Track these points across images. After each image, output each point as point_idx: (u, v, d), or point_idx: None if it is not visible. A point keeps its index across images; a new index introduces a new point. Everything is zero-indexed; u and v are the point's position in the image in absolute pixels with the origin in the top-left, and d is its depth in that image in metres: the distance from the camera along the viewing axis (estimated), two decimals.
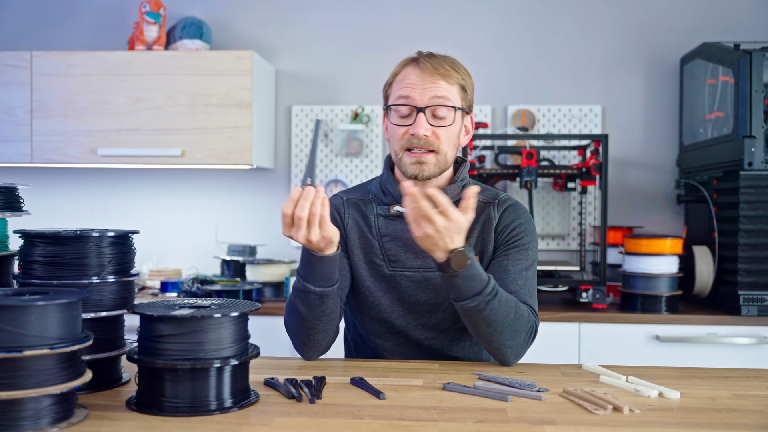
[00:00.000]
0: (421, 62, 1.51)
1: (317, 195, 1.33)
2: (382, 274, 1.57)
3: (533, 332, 1.49)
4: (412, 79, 1.51)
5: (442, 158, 1.53)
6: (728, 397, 1.25)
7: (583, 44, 3.15)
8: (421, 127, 1.49)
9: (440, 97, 1.50)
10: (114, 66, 2.91)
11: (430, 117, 1.50)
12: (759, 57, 2.49)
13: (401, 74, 1.54)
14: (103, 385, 1.26)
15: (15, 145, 2.93)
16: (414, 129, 1.49)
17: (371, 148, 3.19)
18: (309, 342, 1.49)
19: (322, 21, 3.23)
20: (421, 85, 1.50)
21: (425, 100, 1.49)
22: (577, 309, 2.58)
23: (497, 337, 1.43)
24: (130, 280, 1.33)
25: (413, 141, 1.50)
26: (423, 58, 1.52)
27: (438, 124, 1.51)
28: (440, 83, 1.50)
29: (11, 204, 1.35)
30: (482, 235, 1.58)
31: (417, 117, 1.49)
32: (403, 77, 1.53)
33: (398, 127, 1.53)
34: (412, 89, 1.50)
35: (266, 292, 2.83)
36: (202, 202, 3.27)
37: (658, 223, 3.11)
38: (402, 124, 1.52)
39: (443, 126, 1.51)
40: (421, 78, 1.50)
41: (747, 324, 2.46)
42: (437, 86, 1.50)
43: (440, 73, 1.50)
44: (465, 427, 1.07)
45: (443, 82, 1.50)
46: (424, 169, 1.52)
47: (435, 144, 1.51)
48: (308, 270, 1.42)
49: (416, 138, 1.49)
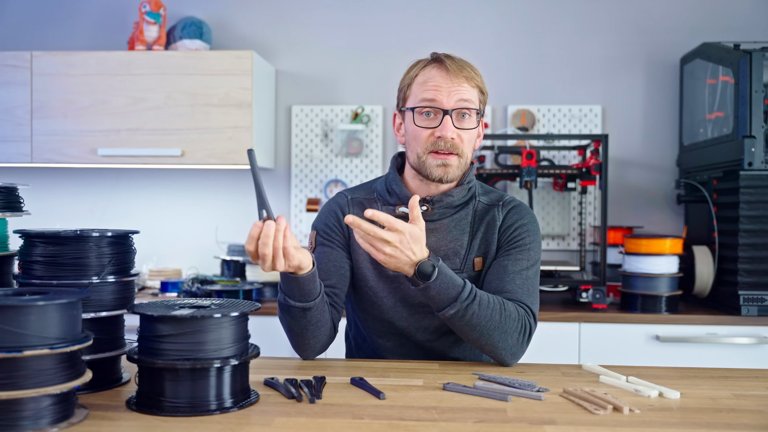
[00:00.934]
0: (447, 63, 1.50)
1: (278, 228, 1.30)
2: (386, 274, 1.57)
3: (527, 331, 1.46)
4: (437, 80, 1.50)
5: (464, 161, 1.53)
6: (728, 397, 1.25)
7: (583, 44, 3.15)
8: (448, 130, 1.48)
9: (465, 100, 1.49)
10: (114, 66, 2.91)
11: (456, 120, 1.50)
12: (759, 57, 2.49)
13: (422, 75, 1.52)
14: (103, 385, 1.26)
15: (15, 145, 2.93)
16: (441, 131, 1.48)
17: (371, 148, 3.19)
18: (302, 345, 1.51)
19: (322, 21, 3.23)
20: (447, 87, 1.49)
21: (452, 103, 1.49)
22: (577, 309, 2.58)
23: (486, 340, 1.42)
24: (130, 280, 1.33)
25: (439, 144, 1.49)
26: (446, 59, 1.51)
27: (462, 126, 1.50)
28: (465, 85, 1.50)
29: (11, 204, 1.35)
30: (486, 236, 1.58)
31: (443, 119, 1.48)
32: (426, 79, 1.51)
33: (423, 130, 1.51)
34: (438, 91, 1.49)
35: (266, 292, 2.83)
36: (202, 202, 3.27)
37: (658, 223, 3.11)
38: (427, 126, 1.51)
39: (467, 129, 1.51)
40: (446, 79, 1.49)
41: (747, 324, 2.46)
42: (462, 89, 1.49)
43: (464, 75, 1.50)
44: (465, 427, 1.07)
45: (467, 84, 1.50)
46: (449, 172, 1.51)
47: (459, 147, 1.50)
48: (287, 287, 1.42)
49: (443, 140, 1.49)
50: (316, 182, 3.22)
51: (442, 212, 1.57)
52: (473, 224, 1.58)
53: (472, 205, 1.60)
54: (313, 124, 3.21)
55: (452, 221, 1.57)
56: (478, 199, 1.61)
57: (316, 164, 3.21)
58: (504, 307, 1.43)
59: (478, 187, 1.64)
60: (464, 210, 1.59)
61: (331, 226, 1.61)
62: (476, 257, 1.57)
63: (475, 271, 1.56)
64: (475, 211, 1.59)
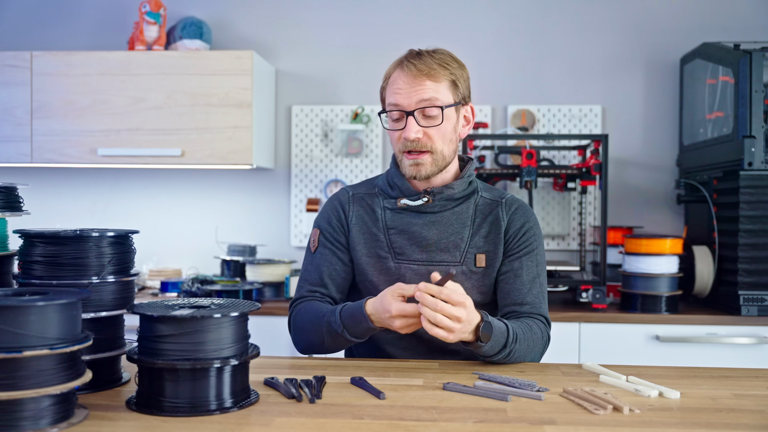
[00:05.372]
0: (406, 66, 1.54)
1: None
2: (386, 266, 1.60)
3: (547, 344, 1.59)
4: (399, 84, 1.54)
5: (439, 156, 1.56)
6: (728, 397, 1.25)
7: (583, 44, 3.15)
8: (411, 131, 1.53)
9: (426, 99, 1.53)
10: (114, 66, 2.91)
11: (421, 119, 1.54)
12: (759, 57, 2.49)
13: (391, 78, 1.58)
14: (103, 385, 1.26)
15: (15, 145, 2.93)
16: (405, 133, 1.54)
17: (371, 148, 3.19)
18: (315, 351, 1.59)
19: (322, 21, 3.23)
20: (407, 89, 1.53)
21: (413, 104, 1.53)
22: (577, 309, 2.58)
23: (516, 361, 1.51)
24: (130, 280, 1.33)
25: (407, 144, 1.55)
26: (408, 60, 1.55)
27: (429, 124, 1.54)
28: (426, 84, 1.52)
29: (11, 204, 1.35)
30: (491, 236, 1.60)
31: (407, 121, 1.53)
32: (392, 82, 1.57)
33: (393, 132, 1.58)
34: (399, 94, 1.54)
35: (266, 292, 2.83)
36: (202, 202, 3.27)
37: (658, 223, 3.11)
38: (395, 129, 1.57)
39: (434, 126, 1.54)
40: (407, 82, 1.53)
41: (747, 324, 2.46)
42: (423, 88, 1.52)
43: (425, 74, 1.52)
44: (465, 427, 1.07)
45: (429, 82, 1.52)
46: (421, 170, 1.56)
47: (428, 144, 1.55)
48: (355, 328, 1.48)
49: (408, 141, 1.54)
50: (316, 182, 3.22)
51: (443, 204, 1.60)
52: (474, 218, 1.61)
53: (473, 199, 1.63)
54: (313, 124, 3.21)
55: (453, 214, 1.60)
56: (480, 194, 1.64)
57: (316, 164, 3.21)
58: (533, 333, 1.52)
59: (480, 183, 1.67)
60: (465, 204, 1.62)
61: (334, 225, 1.66)
62: (478, 253, 1.58)
63: (476, 267, 1.58)
64: (476, 206, 1.62)
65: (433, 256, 1.58)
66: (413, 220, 1.59)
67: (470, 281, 1.58)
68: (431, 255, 1.58)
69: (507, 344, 1.44)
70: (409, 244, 1.59)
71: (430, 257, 1.58)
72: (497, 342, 1.42)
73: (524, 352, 1.49)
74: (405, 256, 1.59)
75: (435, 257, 1.58)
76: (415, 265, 1.58)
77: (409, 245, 1.59)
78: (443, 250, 1.58)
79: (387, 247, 1.60)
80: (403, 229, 1.60)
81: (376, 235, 1.61)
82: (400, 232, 1.60)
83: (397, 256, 1.59)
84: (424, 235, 1.58)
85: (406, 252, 1.59)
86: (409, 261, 1.59)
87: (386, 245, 1.60)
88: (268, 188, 3.26)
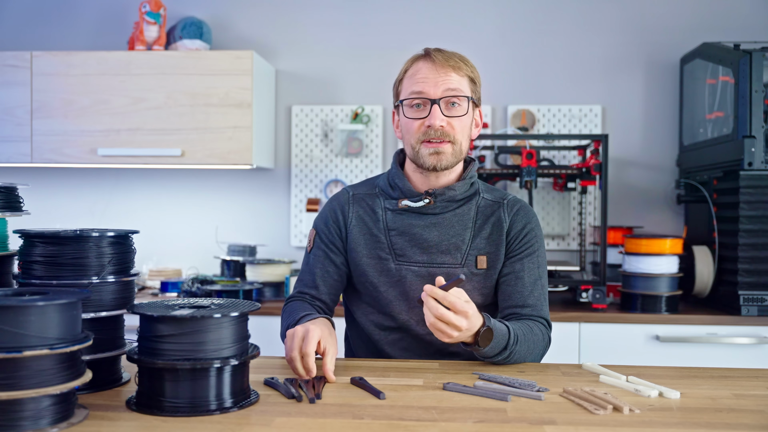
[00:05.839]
0: (433, 55, 1.55)
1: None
2: (387, 267, 1.59)
3: (548, 345, 1.59)
4: (424, 72, 1.54)
5: (458, 148, 1.56)
6: (728, 397, 1.25)
7: (583, 44, 3.15)
8: (437, 118, 1.52)
9: (452, 89, 1.53)
10: (114, 66, 2.91)
11: (444, 108, 1.54)
12: (759, 57, 2.49)
13: (411, 69, 1.57)
14: (103, 385, 1.26)
15: (15, 145, 2.93)
16: (430, 120, 1.53)
17: (371, 148, 3.19)
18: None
19: (322, 21, 3.23)
20: (433, 78, 1.53)
21: (439, 92, 1.53)
22: (577, 309, 2.58)
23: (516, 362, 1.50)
24: (130, 280, 1.33)
25: (429, 132, 1.53)
26: (433, 52, 1.56)
27: (452, 114, 1.54)
28: (452, 75, 1.54)
29: (11, 204, 1.35)
30: (492, 237, 1.60)
31: (432, 109, 1.53)
32: (414, 72, 1.56)
33: (413, 121, 1.56)
34: (425, 83, 1.54)
35: (266, 292, 2.83)
36: (202, 202, 3.27)
37: (658, 223, 3.11)
38: (417, 117, 1.55)
39: (457, 116, 1.54)
40: (433, 71, 1.54)
41: (747, 324, 2.46)
42: (449, 78, 1.53)
43: (451, 65, 1.54)
44: (465, 427, 1.07)
45: (454, 74, 1.54)
46: (442, 159, 1.55)
47: (450, 134, 1.54)
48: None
49: (432, 129, 1.53)
50: (316, 182, 3.22)
51: (445, 206, 1.59)
52: (476, 220, 1.61)
53: (475, 201, 1.63)
54: (313, 124, 3.21)
55: (455, 216, 1.60)
56: (481, 195, 1.64)
57: (316, 164, 3.21)
58: (533, 334, 1.51)
59: (481, 184, 1.67)
60: (467, 205, 1.61)
61: (330, 227, 1.65)
62: (480, 255, 1.58)
63: (477, 269, 1.58)
64: (478, 207, 1.62)
65: (434, 258, 1.58)
66: (414, 222, 1.59)
67: (471, 283, 1.58)
68: (432, 257, 1.58)
69: (508, 346, 1.44)
70: (410, 245, 1.58)
71: (431, 259, 1.58)
72: (498, 344, 1.42)
73: (524, 354, 1.49)
74: (406, 257, 1.59)
75: (436, 259, 1.57)
76: (415, 266, 1.58)
77: (410, 247, 1.58)
78: (444, 252, 1.58)
79: (388, 249, 1.60)
80: (404, 230, 1.59)
81: (377, 236, 1.61)
82: (401, 234, 1.60)
83: (398, 257, 1.59)
84: (425, 237, 1.58)
85: (407, 253, 1.59)
86: (410, 263, 1.58)
87: (387, 246, 1.60)
88: (268, 188, 3.26)
